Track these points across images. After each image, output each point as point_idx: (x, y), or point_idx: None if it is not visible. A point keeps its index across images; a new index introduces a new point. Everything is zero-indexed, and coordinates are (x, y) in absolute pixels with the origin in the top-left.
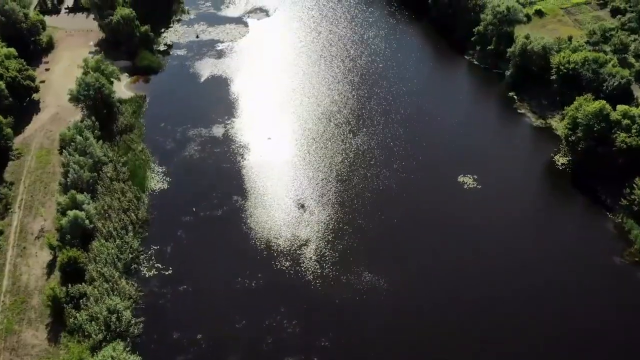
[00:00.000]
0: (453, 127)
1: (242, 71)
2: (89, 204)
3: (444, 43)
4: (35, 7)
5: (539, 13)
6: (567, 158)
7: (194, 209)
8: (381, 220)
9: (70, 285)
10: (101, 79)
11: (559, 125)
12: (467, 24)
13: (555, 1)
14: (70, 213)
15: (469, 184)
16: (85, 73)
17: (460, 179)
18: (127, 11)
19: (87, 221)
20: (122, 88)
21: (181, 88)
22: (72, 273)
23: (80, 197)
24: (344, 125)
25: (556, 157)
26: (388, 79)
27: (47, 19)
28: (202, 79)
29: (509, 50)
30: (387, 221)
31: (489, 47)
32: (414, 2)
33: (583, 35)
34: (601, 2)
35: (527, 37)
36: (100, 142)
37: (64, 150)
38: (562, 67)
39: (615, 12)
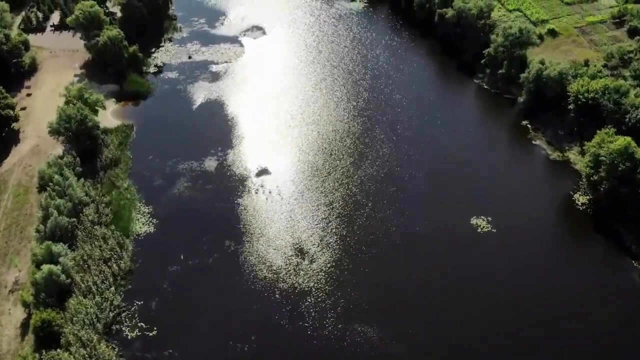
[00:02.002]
0: (464, 160)
1: (238, 96)
2: (66, 255)
3: (451, 64)
4: (20, 25)
5: (552, 33)
6: (588, 197)
7: (182, 257)
8: (387, 269)
9: (44, 352)
10: (84, 109)
11: (577, 158)
12: (476, 45)
13: (569, 20)
14: (45, 268)
15: (483, 227)
16: (67, 102)
17: (474, 221)
18: (114, 32)
19: (63, 276)
20: (109, 115)
21: (172, 115)
22: (47, 336)
23: (56, 248)
24: (346, 157)
25: (575, 196)
26: (393, 105)
27: (32, 38)
28: (195, 105)
29: (522, 75)
30: (393, 269)
31: (500, 71)
32: (419, 21)
33: (600, 58)
34: (617, 21)
35: (542, 62)
36: (82, 180)
37: (42, 191)
38: (580, 96)
39: (632, 32)
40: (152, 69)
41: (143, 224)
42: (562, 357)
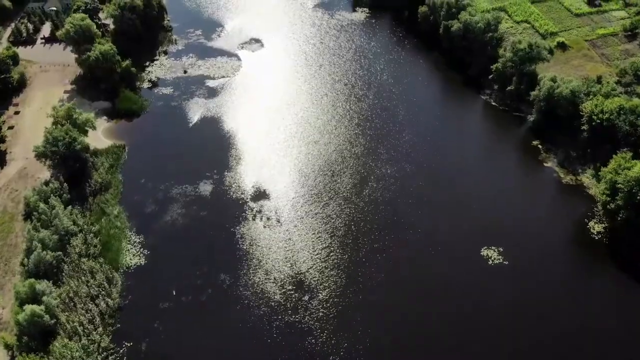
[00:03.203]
0: (473, 184)
1: (235, 113)
2: (50, 293)
3: (457, 79)
4: (9, 37)
5: (562, 46)
6: (603, 225)
7: (174, 293)
8: (392, 307)
9: None
10: (72, 131)
11: (591, 182)
12: (483, 59)
13: (579, 32)
14: (28, 309)
15: (494, 258)
16: (55, 123)
17: (484, 251)
18: (106, 47)
19: (47, 317)
20: (100, 135)
21: (166, 134)
22: None
23: (40, 286)
24: (348, 179)
25: (590, 224)
26: (396, 123)
27: (21, 51)
28: (190, 123)
29: (532, 93)
30: (398, 309)
31: (508, 88)
32: (423, 32)
33: (612, 73)
34: (629, 33)
35: (553, 80)
36: (70, 207)
37: (28, 219)
38: (594, 117)
39: None
40: (145, 85)
41: (133, 255)
42: None
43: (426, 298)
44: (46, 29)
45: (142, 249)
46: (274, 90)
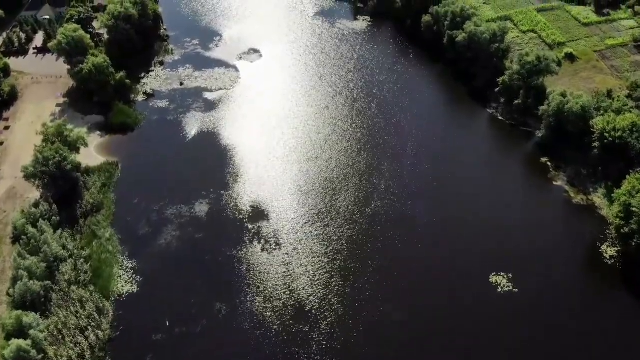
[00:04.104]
0: (480, 205)
1: (233, 128)
2: (37, 326)
3: (462, 91)
4: (0, 47)
5: (570, 57)
6: (616, 249)
7: (167, 323)
8: (397, 340)
9: None
10: (62, 150)
11: (603, 203)
12: (489, 71)
13: (588, 42)
14: (14, 344)
15: (503, 285)
16: (46, 140)
17: (493, 278)
18: (100, 59)
19: (34, 352)
20: (92, 151)
21: (161, 150)
22: None
23: (27, 318)
24: (350, 198)
25: (603, 247)
26: (400, 137)
27: (13, 62)
28: (186, 139)
29: (541, 108)
30: (403, 341)
31: (516, 101)
32: (427, 42)
33: (622, 86)
34: (639, 44)
35: (563, 95)
36: (60, 231)
37: (17, 243)
38: (606, 134)
39: None
40: (140, 97)
41: (125, 282)
42: None
43: (435, 329)
44: (39, 39)
45: (134, 275)
46: (273, 103)
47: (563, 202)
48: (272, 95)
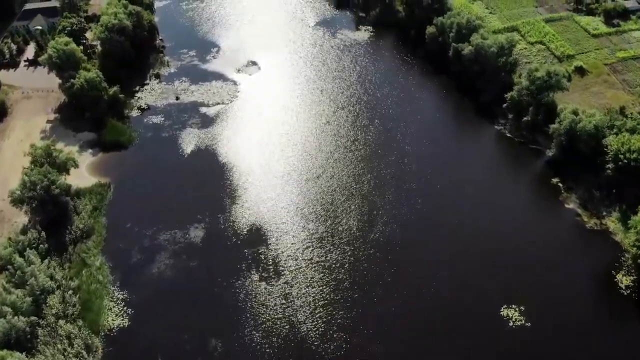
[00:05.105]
0: (489, 230)
1: (230, 146)
2: None
3: (468, 107)
4: None
5: (580, 71)
6: (632, 278)
7: None
8: None
9: None
10: (51, 173)
11: (617, 227)
12: (497, 86)
13: (598, 55)
14: None
15: (515, 319)
16: (34, 162)
17: (504, 311)
18: (92, 74)
19: None
20: (83, 171)
21: (154, 170)
22: None
23: (12, 359)
24: (352, 222)
25: (618, 276)
26: (404, 156)
27: (3, 74)
28: (181, 157)
29: (552, 126)
30: None
31: (525, 118)
32: (431, 53)
33: (635, 103)
34: None
35: (575, 113)
36: (47, 260)
37: (4, 271)
38: (620, 156)
39: None
40: (135, 113)
41: (116, 315)
42: None
43: None
44: (30, 51)
45: (125, 307)
46: (273, 119)
47: (575, 227)
48: (272, 110)
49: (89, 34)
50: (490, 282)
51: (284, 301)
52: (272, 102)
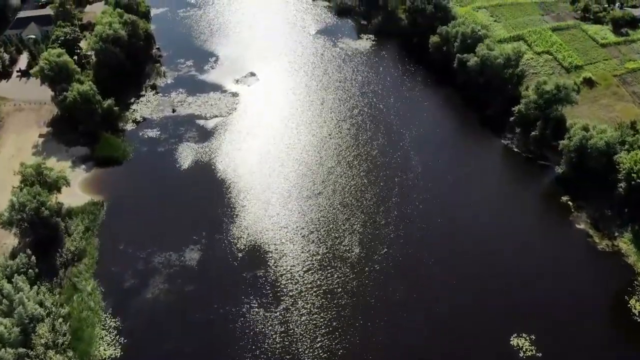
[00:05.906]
0: (497, 253)
1: (228, 161)
2: None
3: (473, 120)
4: None
5: (589, 82)
6: None
7: None
8: None
9: None
10: (41, 194)
11: (629, 249)
12: (503, 98)
13: (606, 65)
14: None
15: (526, 348)
16: (24, 181)
17: (514, 340)
18: (86, 87)
19: None
20: (76, 189)
21: (149, 187)
22: None
23: None
24: (354, 244)
25: (631, 302)
26: (408, 172)
27: None
28: (177, 173)
29: (561, 142)
30: None
31: (532, 133)
32: (435, 63)
33: None
34: None
35: (585, 129)
36: (37, 286)
37: None
38: (633, 175)
39: None
40: (129, 126)
41: (108, 344)
42: None
43: None
44: (23, 60)
45: (117, 336)
46: (273, 132)
47: (586, 249)
48: (271, 122)
49: (83, 44)
50: (498, 308)
51: (282, 329)
52: (271, 115)
